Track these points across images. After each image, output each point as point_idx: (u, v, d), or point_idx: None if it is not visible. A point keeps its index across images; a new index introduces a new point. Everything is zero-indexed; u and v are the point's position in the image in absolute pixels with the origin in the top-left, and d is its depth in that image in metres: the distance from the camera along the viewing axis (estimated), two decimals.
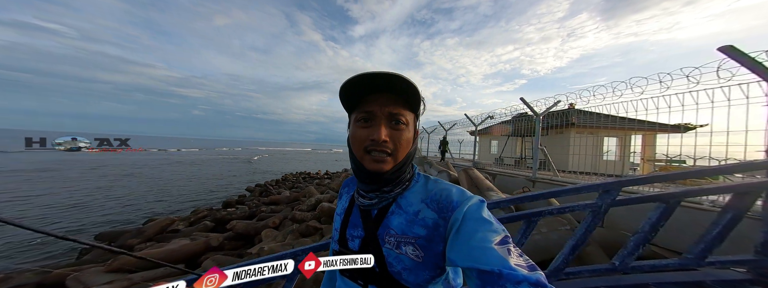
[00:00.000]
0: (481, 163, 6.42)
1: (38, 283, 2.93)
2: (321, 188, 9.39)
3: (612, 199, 1.18)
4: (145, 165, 22.27)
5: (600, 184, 1.20)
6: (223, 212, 6.76)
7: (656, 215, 1.18)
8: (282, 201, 8.07)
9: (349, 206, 0.52)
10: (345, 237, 0.50)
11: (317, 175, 17.12)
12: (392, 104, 0.42)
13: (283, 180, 14.86)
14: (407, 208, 0.45)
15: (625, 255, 1.24)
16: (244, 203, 8.87)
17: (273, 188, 11.32)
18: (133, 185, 12.83)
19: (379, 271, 0.43)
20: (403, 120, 0.43)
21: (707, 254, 1.22)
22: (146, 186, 12.84)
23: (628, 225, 2.55)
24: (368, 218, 0.47)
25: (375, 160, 0.43)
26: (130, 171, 18.13)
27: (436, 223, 0.42)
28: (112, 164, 21.53)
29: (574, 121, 6.09)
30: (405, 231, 0.43)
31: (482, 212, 0.40)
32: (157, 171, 19.14)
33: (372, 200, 0.46)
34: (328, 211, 4.91)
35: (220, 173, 20.19)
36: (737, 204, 1.17)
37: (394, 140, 0.43)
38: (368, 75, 0.40)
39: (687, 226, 1.64)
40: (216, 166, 24.51)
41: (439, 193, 0.44)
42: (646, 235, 1.20)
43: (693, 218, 1.62)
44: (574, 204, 1.22)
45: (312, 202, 6.25)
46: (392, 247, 0.43)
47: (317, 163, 32.97)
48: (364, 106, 0.43)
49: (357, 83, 0.41)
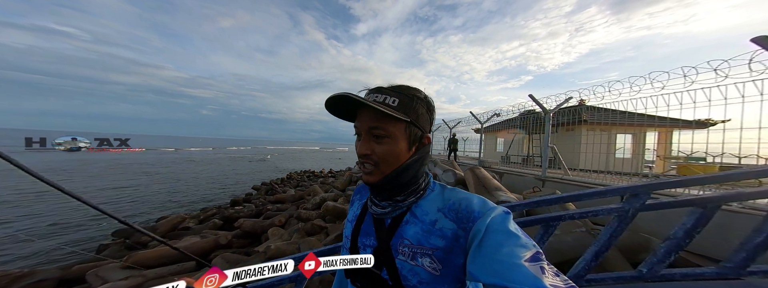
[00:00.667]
0: (487, 162, 6.27)
1: (60, 277, 3.08)
2: (325, 187, 9.46)
3: (641, 204, 1.08)
4: (161, 164, 23.07)
5: (627, 187, 1.11)
6: (230, 210, 6.92)
7: (692, 221, 1.08)
8: (287, 199, 8.18)
9: (362, 214, 0.51)
10: (356, 245, 0.49)
11: (321, 173, 17.27)
12: (372, 119, 0.42)
13: (288, 178, 15.07)
14: (423, 218, 0.44)
15: (654, 263, 1.15)
16: (250, 201, 9.05)
17: (278, 187, 11.50)
18: (148, 183, 13.34)
19: (392, 285, 0.42)
20: (382, 133, 0.42)
21: (749, 263, 1.11)
22: (161, 184, 13.31)
23: (652, 226, 2.40)
24: (381, 227, 0.46)
25: (365, 171, 0.45)
26: (148, 169, 18.86)
27: (455, 234, 0.40)
28: (132, 162, 22.28)
29: (586, 117, 5.86)
30: (421, 241, 0.42)
31: (508, 224, 0.37)
32: (174, 169, 19.92)
33: (385, 209, 0.46)
34: (332, 210, 4.93)
35: (229, 172, 20.81)
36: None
37: (377, 152, 0.43)
38: (330, 102, 0.41)
39: (724, 229, 1.51)
40: (230, 165, 25.54)
41: (458, 203, 0.43)
42: (679, 241, 1.10)
43: (731, 221, 1.49)
44: (597, 208, 1.14)
45: (317, 201, 6.30)
46: (407, 259, 0.42)
47: (324, 162, 33.42)
48: (356, 120, 0.45)
49: (335, 107, 0.43)
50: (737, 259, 1.11)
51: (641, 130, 4.83)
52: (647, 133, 4.95)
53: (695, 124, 2.95)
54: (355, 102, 0.41)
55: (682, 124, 3.11)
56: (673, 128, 4.20)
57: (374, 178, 0.44)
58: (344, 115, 0.46)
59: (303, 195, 8.34)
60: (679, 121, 2.98)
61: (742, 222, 1.13)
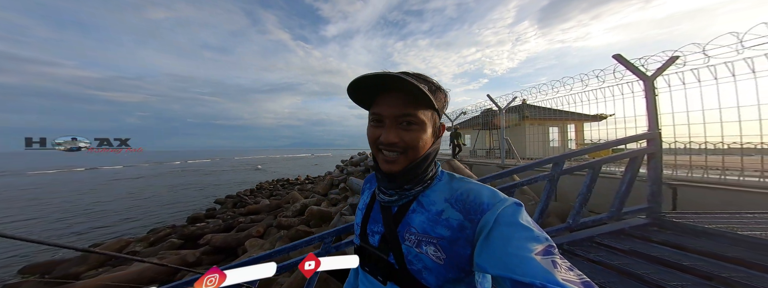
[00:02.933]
0: (459, 156, 7.16)
1: None
2: (305, 193, 9.02)
3: (560, 169, 1.60)
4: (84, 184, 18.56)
5: (550, 158, 1.62)
6: (191, 228, 6.01)
7: (588, 179, 1.65)
8: (262, 210, 7.52)
9: (371, 201, 0.52)
10: (366, 232, 0.50)
11: (297, 180, 16.24)
12: (401, 106, 0.41)
13: (258, 189, 13.72)
14: (429, 207, 0.43)
15: (574, 214, 1.67)
16: (215, 216, 7.98)
17: (249, 198, 10.41)
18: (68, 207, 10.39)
19: (399, 269, 0.42)
20: (414, 120, 0.41)
21: (622, 207, 1.72)
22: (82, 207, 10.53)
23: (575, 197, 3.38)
24: (388, 215, 0.46)
25: (387, 160, 0.43)
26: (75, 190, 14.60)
27: (461, 225, 0.39)
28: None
29: (527, 114, 7.35)
30: (426, 230, 0.41)
31: (519, 217, 0.36)
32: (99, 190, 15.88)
33: (392, 197, 0.46)
34: (317, 213, 4.81)
35: (178, 187, 17.67)
36: (632, 166, 1.71)
37: (405, 140, 0.42)
38: (371, 77, 0.39)
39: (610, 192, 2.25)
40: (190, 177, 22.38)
41: (466, 193, 0.42)
42: (585, 196, 1.65)
43: (613, 185, 2.22)
44: (535, 176, 1.60)
45: (297, 208, 6.01)
46: (412, 245, 0.42)
47: (329, 166, 31.70)
48: (375, 107, 0.43)
49: (362, 85, 0.40)
50: (615, 204, 1.72)
51: (563, 123, 6.47)
52: (568, 126, 6.62)
53: (594, 118, 4.13)
54: (379, 86, 0.40)
55: (588, 118, 4.37)
56: (583, 121, 5.55)
57: (398, 166, 0.42)
58: (363, 100, 0.44)
59: (280, 203, 7.79)
60: (587, 116, 4.17)
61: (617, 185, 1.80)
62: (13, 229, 8.28)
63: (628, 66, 2.01)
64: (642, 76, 1.96)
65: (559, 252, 0.34)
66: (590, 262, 1.42)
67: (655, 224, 1.73)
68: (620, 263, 1.32)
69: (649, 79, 1.93)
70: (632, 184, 1.69)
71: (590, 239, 1.66)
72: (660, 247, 1.47)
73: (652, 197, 1.74)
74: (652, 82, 1.93)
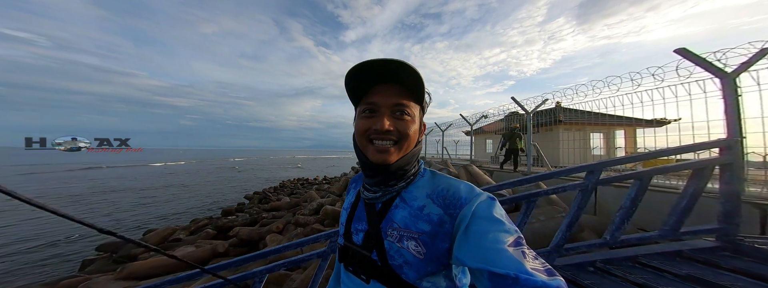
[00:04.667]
0: (478, 162, 6.59)
1: None
2: (321, 193, 9.39)
3: (596, 179, 1.37)
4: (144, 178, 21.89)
5: (585, 165, 1.38)
6: (224, 220, 6.70)
7: (634, 191, 1.37)
8: (283, 207, 8.04)
9: (356, 201, 0.52)
10: (350, 231, 0.49)
11: (315, 180, 17.04)
12: (397, 95, 0.42)
13: (281, 187, 14.73)
14: (411, 203, 0.44)
15: (613, 230, 1.42)
16: (243, 211, 8.77)
17: (272, 195, 11.22)
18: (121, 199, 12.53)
19: (381, 265, 0.42)
20: (408, 111, 0.42)
21: (680, 225, 1.41)
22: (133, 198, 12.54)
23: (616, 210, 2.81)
24: (372, 211, 0.46)
25: (378, 149, 0.42)
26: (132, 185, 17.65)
27: (441, 220, 0.40)
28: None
29: (562, 118, 6.42)
30: (408, 225, 0.42)
31: (493, 210, 0.38)
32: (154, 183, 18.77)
33: (376, 193, 0.46)
34: (331, 213, 4.96)
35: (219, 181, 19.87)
36: (697, 178, 1.39)
37: (399, 129, 0.42)
38: (370, 63, 0.39)
39: (663, 206, 1.83)
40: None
41: (446, 189, 0.43)
42: (628, 210, 1.38)
43: (667, 199, 1.82)
44: (565, 184, 1.39)
45: (314, 207, 6.28)
46: (394, 241, 0.42)
47: (340, 168, 33.08)
48: (369, 97, 0.43)
49: (360, 73, 0.41)
50: (671, 221, 1.41)
51: (610, 128, 5.46)
52: (615, 132, 5.59)
53: (654, 123, 3.31)
54: (378, 75, 0.41)
55: (644, 123, 3.45)
56: (636, 127, 4.70)
57: (392, 157, 0.42)
58: (357, 90, 0.43)
59: (299, 201, 8.24)
60: (642, 121, 3.38)
61: (674, 199, 1.44)
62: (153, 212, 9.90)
63: (697, 61, 1.65)
64: (718, 73, 1.60)
65: (593, 269, 0.39)
66: (631, 283, 1.20)
67: (726, 248, 1.40)
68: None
69: (728, 76, 1.58)
70: (696, 199, 1.37)
71: (633, 259, 1.41)
72: (732, 275, 1.19)
73: (726, 217, 1.39)
74: (734, 79, 1.57)
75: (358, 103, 0.45)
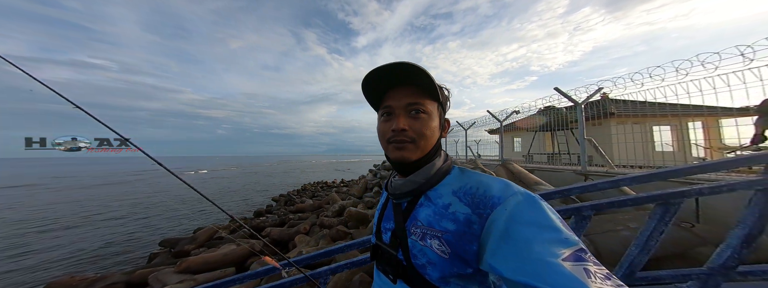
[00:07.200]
0: (510, 161, 5.97)
1: (127, 281, 3.52)
2: (342, 195, 9.72)
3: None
4: None
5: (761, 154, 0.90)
6: (257, 220, 7.34)
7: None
8: (307, 209, 8.50)
9: (386, 201, 0.53)
10: (380, 230, 0.50)
11: (334, 183, 17.64)
12: (409, 95, 0.43)
13: (303, 189, 15.55)
14: (436, 201, 0.43)
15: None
16: (272, 212, 9.47)
17: (296, 197, 11.92)
18: None
19: (406, 264, 0.42)
20: (422, 109, 0.43)
21: None
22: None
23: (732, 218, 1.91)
24: (399, 210, 0.47)
25: (397, 147, 0.43)
26: None
27: (468, 219, 0.37)
28: None
29: (614, 110, 5.54)
30: (432, 223, 0.41)
31: (540, 212, 0.32)
32: None
33: (402, 191, 0.46)
34: (355, 215, 5.12)
35: None
36: None
37: (414, 128, 0.42)
38: (381, 69, 0.41)
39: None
40: None
41: (475, 186, 0.40)
42: (755, 226, 0.90)
43: None
44: (731, 181, 0.92)
45: (336, 209, 6.55)
46: (417, 239, 0.41)
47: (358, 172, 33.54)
48: (385, 101, 0.45)
49: (374, 79, 0.43)
50: None
51: (681, 120, 4.35)
52: (688, 123, 4.19)
53: (739, 112, 2.54)
54: (391, 80, 0.43)
55: (728, 113, 2.66)
56: (718, 116, 3.65)
57: (411, 154, 0.43)
58: (374, 95, 0.46)
59: (321, 204, 8.63)
60: (720, 109, 2.63)
61: None
62: None
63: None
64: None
65: None
66: None
67: None
68: None
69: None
70: None
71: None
72: None
73: None
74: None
75: (378, 108, 0.47)
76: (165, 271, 3.62)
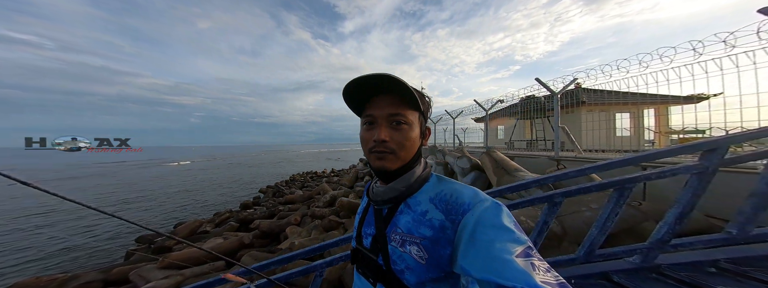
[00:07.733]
0: (494, 149, 6.34)
1: (104, 279, 3.30)
2: (332, 185, 9.69)
3: (720, 159, 0.99)
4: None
5: (703, 142, 1.03)
6: (244, 213, 7.14)
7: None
8: (297, 200, 8.39)
9: (367, 205, 0.54)
10: (361, 234, 0.52)
11: (324, 173, 17.49)
12: (391, 106, 0.44)
13: (291, 180, 15.25)
14: (415, 208, 0.45)
15: (743, 222, 1.08)
16: (260, 204, 9.24)
17: (285, 188, 11.69)
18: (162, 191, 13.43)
19: (386, 269, 0.44)
20: (403, 120, 0.44)
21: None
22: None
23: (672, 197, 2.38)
24: (379, 216, 0.48)
25: (378, 157, 0.44)
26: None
27: (442, 225, 0.40)
28: None
29: (585, 99, 6.03)
30: (411, 230, 0.43)
31: (501, 217, 0.37)
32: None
33: (382, 198, 0.47)
34: (347, 205, 5.16)
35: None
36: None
37: (395, 139, 0.44)
38: (362, 79, 0.42)
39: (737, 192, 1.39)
40: None
41: (449, 194, 0.43)
42: (765, 196, 1.03)
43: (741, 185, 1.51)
44: (673, 167, 1.03)
45: (327, 199, 6.55)
46: (397, 245, 0.43)
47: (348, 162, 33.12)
48: (367, 110, 0.46)
49: (355, 89, 0.44)
50: (741, 220, 1.07)
51: (638, 108, 4.72)
52: (644, 111, 4.93)
53: (689, 100, 2.95)
54: (373, 88, 0.43)
55: (676, 101, 3.09)
56: (667, 105, 4.16)
57: (391, 164, 0.44)
58: (356, 103, 0.47)
59: (312, 194, 8.57)
60: (678, 98, 2.96)
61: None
62: None
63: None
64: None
65: (716, 270, 0.32)
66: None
67: None
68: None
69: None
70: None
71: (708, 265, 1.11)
72: None
73: None
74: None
75: (360, 115, 0.48)
76: (147, 267, 3.46)
